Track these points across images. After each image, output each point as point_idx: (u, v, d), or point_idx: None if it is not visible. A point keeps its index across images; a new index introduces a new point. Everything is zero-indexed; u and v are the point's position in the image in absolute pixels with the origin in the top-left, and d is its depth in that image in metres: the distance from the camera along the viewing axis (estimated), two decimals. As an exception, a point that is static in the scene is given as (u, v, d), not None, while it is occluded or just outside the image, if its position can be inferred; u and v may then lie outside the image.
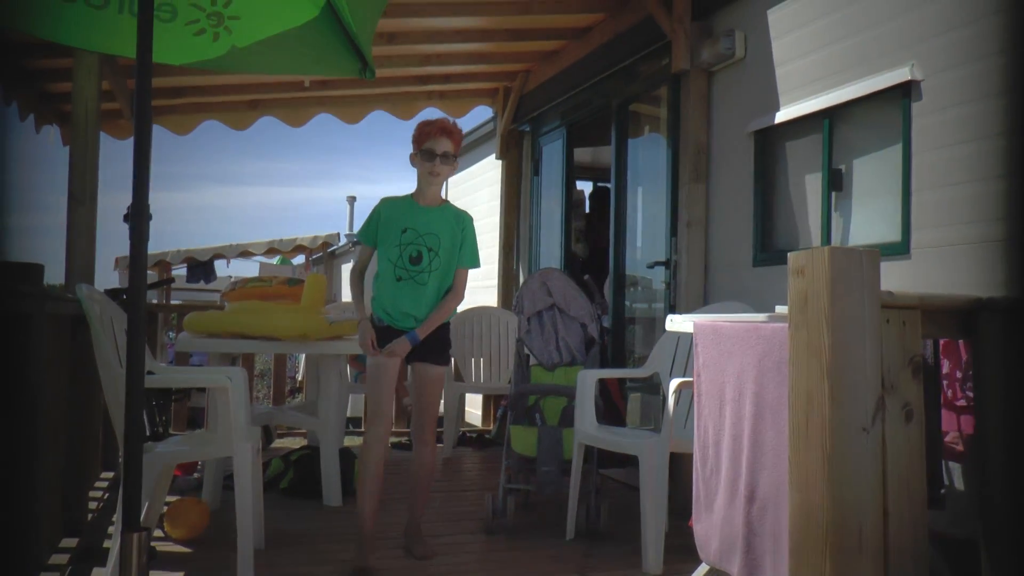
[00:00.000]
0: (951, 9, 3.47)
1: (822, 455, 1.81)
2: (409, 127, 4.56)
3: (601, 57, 6.14)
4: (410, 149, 3.79)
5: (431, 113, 7.90)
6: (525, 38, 6.46)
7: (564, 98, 6.78)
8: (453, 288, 3.78)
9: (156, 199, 2.29)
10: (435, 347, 3.81)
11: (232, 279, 10.65)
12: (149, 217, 2.28)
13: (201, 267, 13.63)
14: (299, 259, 15.69)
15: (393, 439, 6.99)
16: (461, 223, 3.80)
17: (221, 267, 14.12)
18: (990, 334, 2.04)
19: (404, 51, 6.49)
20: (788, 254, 1.98)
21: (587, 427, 4.20)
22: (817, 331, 1.86)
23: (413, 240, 3.71)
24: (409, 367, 3.95)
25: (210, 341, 4.72)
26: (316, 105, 7.32)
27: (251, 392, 5.14)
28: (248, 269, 15.59)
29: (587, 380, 4.27)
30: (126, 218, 2.27)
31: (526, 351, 4.83)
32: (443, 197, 3.88)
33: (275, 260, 13.99)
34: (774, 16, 4.51)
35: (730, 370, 2.84)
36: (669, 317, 3.43)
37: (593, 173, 8.88)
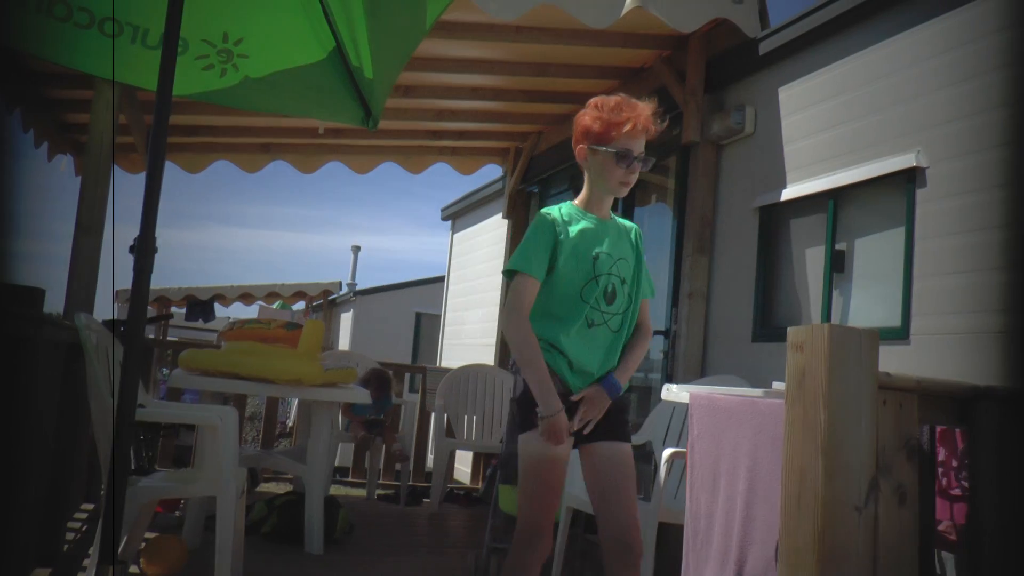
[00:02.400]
0: (959, 99, 3.52)
1: (813, 532, 1.79)
2: (418, 180, 4.23)
3: (613, 124, 6.20)
4: (420, 199, 3.25)
5: (441, 168, 7.92)
6: (539, 100, 6.54)
7: (573, 161, 6.81)
8: (642, 325, 2.77)
9: (160, 235, 2.28)
10: (619, 416, 2.67)
11: (230, 319, 10.65)
12: (155, 250, 2.28)
13: (200, 306, 13.60)
14: (299, 305, 15.69)
15: (379, 491, 6.91)
16: (639, 240, 2.86)
17: (220, 308, 14.14)
18: (988, 423, 2.03)
19: (418, 104, 6.57)
20: (788, 329, 1.98)
21: (576, 491, 4.14)
22: (813, 407, 1.85)
23: (608, 270, 2.66)
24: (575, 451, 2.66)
25: (204, 379, 4.69)
26: (328, 153, 7.41)
27: (241, 434, 5.09)
28: (246, 314, 15.55)
29: (579, 444, 4.23)
30: (131, 249, 2.28)
31: (520, 410, 4.80)
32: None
33: (275, 305, 14.00)
34: (785, 94, 4.58)
35: (725, 443, 2.82)
36: (666, 386, 3.42)
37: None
